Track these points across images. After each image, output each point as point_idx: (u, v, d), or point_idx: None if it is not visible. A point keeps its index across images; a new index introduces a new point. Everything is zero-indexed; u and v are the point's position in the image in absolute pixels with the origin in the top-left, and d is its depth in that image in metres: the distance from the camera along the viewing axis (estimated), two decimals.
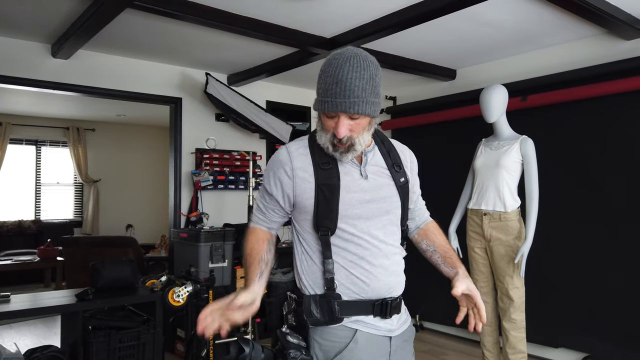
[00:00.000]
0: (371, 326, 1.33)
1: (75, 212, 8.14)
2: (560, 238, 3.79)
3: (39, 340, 4.35)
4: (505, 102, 3.02)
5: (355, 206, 1.33)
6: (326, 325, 1.30)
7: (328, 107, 1.26)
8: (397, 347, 1.38)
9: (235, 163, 4.80)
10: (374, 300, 1.32)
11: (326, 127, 1.31)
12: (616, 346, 3.48)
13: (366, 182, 1.36)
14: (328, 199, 1.31)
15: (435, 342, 4.40)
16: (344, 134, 1.27)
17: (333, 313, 1.29)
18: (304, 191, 1.34)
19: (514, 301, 2.89)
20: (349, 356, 1.28)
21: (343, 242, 1.33)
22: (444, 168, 4.43)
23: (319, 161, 1.34)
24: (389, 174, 1.41)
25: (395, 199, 1.40)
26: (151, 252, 6.18)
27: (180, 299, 2.66)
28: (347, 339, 1.30)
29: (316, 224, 1.33)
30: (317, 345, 1.31)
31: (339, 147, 1.30)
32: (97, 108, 6.90)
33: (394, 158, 1.45)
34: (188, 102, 4.66)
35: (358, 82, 1.25)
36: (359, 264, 1.32)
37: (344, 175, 1.35)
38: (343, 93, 1.24)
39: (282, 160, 1.38)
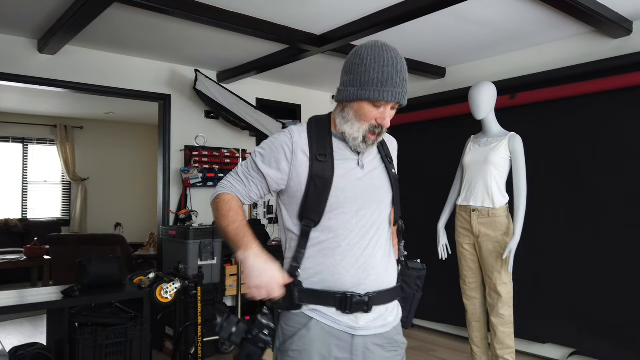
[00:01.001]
0: (329, 318, 1.31)
1: (63, 210, 8.06)
2: (547, 234, 3.83)
3: (24, 338, 4.30)
4: (493, 99, 3.03)
5: (349, 195, 1.33)
6: (287, 310, 1.32)
7: (388, 96, 1.27)
8: (363, 347, 1.33)
9: (225, 160, 4.77)
10: (334, 293, 1.30)
11: (367, 117, 1.31)
12: (603, 342, 3.52)
13: (362, 172, 1.37)
14: (319, 192, 1.31)
15: (424, 339, 4.42)
16: (388, 124, 1.32)
17: (292, 299, 1.30)
18: (297, 177, 1.34)
19: (502, 297, 2.91)
20: (298, 342, 1.30)
21: (322, 233, 1.32)
22: (433, 165, 4.45)
23: (317, 152, 1.33)
24: (383, 165, 1.42)
25: (387, 190, 1.40)
26: (140, 250, 6.13)
27: (168, 296, 2.65)
28: (301, 325, 1.31)
29: (301, 215, 1.33)
30: (280, 328, 1.34)
31: (370, 139, 1.33)
32: (85, 105, 6.83)
33: (386, 149, 1.46)
34: (177, 99, 4.63)
35: (406, 72, 1.31)
36: (330, 255, 1.31)
37: (341, 163, 1.35)
38: (402, 83, 1.28)
39: (284, 140, 1.36)
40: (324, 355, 1.30)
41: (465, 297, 3.11)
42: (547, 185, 3.82)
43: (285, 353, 1.32)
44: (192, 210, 4.44)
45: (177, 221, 4.42)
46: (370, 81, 1.27)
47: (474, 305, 3.08)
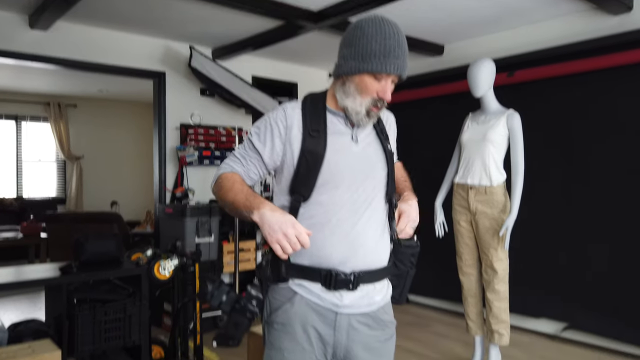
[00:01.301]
0: (314, 294, 1.31)
1: (59, 189, 8.02)
2: (543, 211, 3.85)
3: (23, 315, 4.33)
4: (492, 77, 3.01)
5: (340, 169, 1.32)
6: (275, 283, 1.34)
7: (390, 68, 1.26)
8: (347, 325, 1.33)
9: (221, 139, 4.74)
10: (320, 269, 1.30)
11: (369, 90, 1.30)
12: (595, 316, 3.58)
13: (356, 147, 1.36)
14: (310, 167, 1.30)
15: (420, 314, 4.48)
16: (390, 97, 1.31)
17: (280, 273, 1.31)
18: (291, 152, 1.33)
19: (498, 273, 2.94)
20: (282, 315, 1.33)
21: (311, 208, 1.32)
22: (431, 143, 4.44)
23: (310, 127, 1.33)
24: (378, 141, 1.41)
25: (381, 166, 1.38)
26: (137, 228, 6.14)
27: (166, 273, 2.66)
28: (286, 299, 1.33)
29: (291, 189, 1.33)
30: (268, 301, 1.37)
31: (373, 112, 1.32)
32: (78, 83, 6.74)
33: (381, 125, 1.44)
34: (172, 76, 4.57)
35: (406, 45, 1.30)
36: (319, 230, 1.30)
37: (334, 138, 1.34)
38: (403, 55, 1.28)
39: (278, 116, 1.35)
40: (307, 329, 1.31)
41: (461, 273, 3.14)
42: (545, 162, 3.82)
43: (271, 325, 1.35)
44: (189, 188, 4.43)
45: (174, 199, 4.41)
46: (373, 53, 1.26)
47: (469, 281, 3.12)
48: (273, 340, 1.34)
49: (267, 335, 1.37)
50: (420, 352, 3.56)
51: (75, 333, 2.33)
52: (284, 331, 1.32)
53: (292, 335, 1.31)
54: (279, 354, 1.32)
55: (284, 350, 1.31)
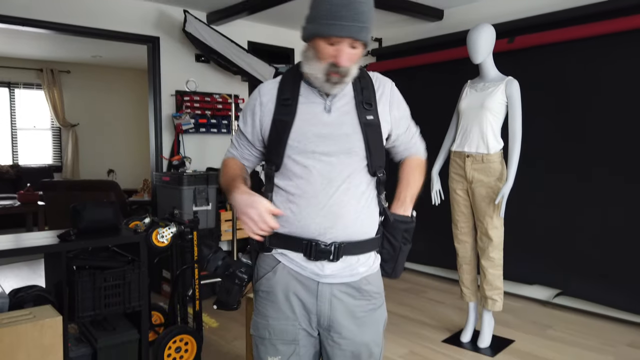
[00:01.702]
0: (295, 263, 1.32)
1: (54, 157, 7.99)
2: (538, 179, 3.87)
3: (23, 281, 4.37)
4: (492, 42, 2.96)
5: (311, 140, 1.30)
6: (259, 252, 1.38)
7: (335, 30, 1.20)
8: (329, 294, 1.32)
9: (217, 106, 4.70)
10: (301, 239, 1.30)
11: (323, 55, 1.24)
12: (587, 282, 3.65)
13: (328, 117, 1.31)
14: (279, 135, 1.32)
15: (415, 281, 4.56)
16: (346, 63, 1.24)
17: (264, 242, 1.34)
18: (265, 123, 1.37)
19: (493, 240, 2.97)
20: (266, 284, 1.36)
21: (287, 178, 1.33)
22: (429, 111, 4.40)
23: (282, 97, 1.34)
24: (355, 111, 1.33)
25: (358, 138, 1.31)
26: (134, 196, 6.15)
27: (164, 240, 2.67)
28: (270, 267, 1.36)
29: (266, 158, 1.38)
30: (256, 268, 1.40)
31: (333, 77, 1.25)
32: (71, 48, 6.61)
33: (366, 96, 1.35)
34: (166, 41, 4.49)
35: (365, 7, 1.21)
36: (295, 201, 1.30)
37: (306, 107, 1.32)
38: (352, 17, 1.19)
39: (254, 96, 1.41)
40: (289, 298, 1.33)
41: (457, 241, 3.17)
42: (542, 130, 3.81)
43: (257, 293, 1.39)
44: (185, 156, 4.41)
45: (171, 167, 4.40)
46: (321, 16, 1.21)
47: (464, 249, 3.15)
48: (259, 307, 1.38)
49: (254, 302, 1.41)
50: (415, 318, 3.63)
51: (76, 299, 2.36)
52: (268, 299, 1.35)
53: (275, 303, 1.34)
54: (264, 320, 1.36)
55: (269, 317, 1.35)
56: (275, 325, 1.34)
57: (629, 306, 3.43)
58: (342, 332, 1.33)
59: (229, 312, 3.72)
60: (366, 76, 1.39)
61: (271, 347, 1.35)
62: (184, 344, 2.75)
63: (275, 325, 1.34)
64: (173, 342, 2.71)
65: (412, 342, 3.18)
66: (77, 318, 2.39)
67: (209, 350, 3.00)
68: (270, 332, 1.35)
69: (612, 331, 3.35)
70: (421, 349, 3.09)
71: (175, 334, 2.72)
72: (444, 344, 3.15)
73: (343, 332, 1.33)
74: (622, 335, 3.28)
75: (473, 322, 3.20)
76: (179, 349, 2.73)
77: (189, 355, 2.77)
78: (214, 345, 3.10)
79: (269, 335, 1.35)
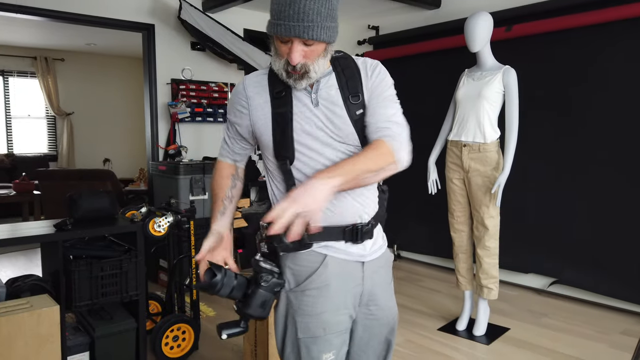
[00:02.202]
0: (342, 252, 1.33)
1: (50, 146, 7.94)
2: (534, 168, 3.88)
3: (20, 271, 4.38)
4: (489, 31, 2.94)
5: (308, 132, 1.30)
6: (295, 251, 1.31)
7: (280, 30, 1.19)
8: (371, 272, 1.38)
9: (213, 95, 4.67)
10: (343, 226, 1.32)
11: (280, 53, 1.25)
12: (581, 271, 3.67)
13: (317, 110, 1.31)
14: (283, 128, 1.30)
15: (412, 270, 4.58)
16: (297, 61, 1.22)
17: (302, 239, 1.24)
18: (259, 119, 1.33)
19: (489, 230, 2.98)
20: (317, 280, 1.31)
21: (302, 170, 1.31)
22: (426, 100, 4.40)
23: (274, 90, 1.32)
24: (343, 106, 1.32)
25: (350, 131, 1.32)
26: (130, 186, 6.13)
27: (161, 229, 2.67)
28: (317, 263, 1.31)
29: (276, 154, 1.33)
30: (289, 270, 1.33)
31: (293, 74, 1.26)
32: (65, 36, 6.54)
33: (352, 88, 1.33)
34: (161, 29, 4.44)
35: (313, 4, 1.17)
36: None
37: (297, 101, 1.31)
38: (297, 16, 1.17)
39: (239, 90, 1.38)
40: (342, 288, 1.33)
41: (453, 230, 3.19)
42: (539, 119, 3.81)
43: (303, 293, 1.31)
44: (182, 145, 4.39)
45: (167, 156, 4.39)
46: (271, 14, 1.22)
47: (461, 238, 3.17)
48: (306, 306, 1.31)
49: (296, 304, 1.32)
50: (412, 307, 3.66)
51: (73, 288, 2.36)
52: (321, 295, 1.31)
53: (330, 298, 1.31)
54: (316, 318, 1.30)
55: (322, 313, 1.30)
56: (330, 319, 1.31)
57: (622, 294, 3.46)
58: (380, 304, 1.41)
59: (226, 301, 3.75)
60: (351, 65, 1.36)
61: (326, 343, 1.31)
62: (182, 332, 2.77)
63: (330, 319, 1.31)
64: (170, 330, 2.72)
65: (408, 330, 3.21)
66: (75, 307, 2.39)
67: (206, 339, 3.02)
68: (324, 328, 1.31)
69: (606, 319, 3.38)
70: (417, 337, 3.11)
71: (172, 322, 2.73)
72: (440, 332, 3.18)
73: (380, 303, 1.41)
74: (616, 323, 3.32)
75: (469, 310, 3.23)
76: (176, 337, 2.75)
77: (186, 343, 2.78)
78: (211, 334, 3.11)
79: (323, 332, 1.31)
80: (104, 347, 2.51)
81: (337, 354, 1.34)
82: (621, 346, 2.96)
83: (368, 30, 5.22)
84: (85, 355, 2.50)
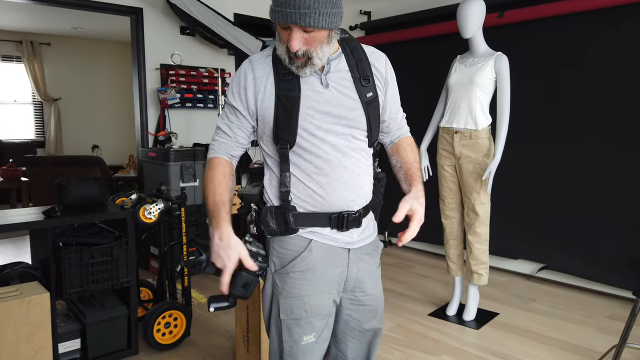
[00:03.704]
0: (327, 237, 1.34)
1: (37, 132, 7.83)
2: (524, 155, 3.90)
3: (8, 258, 4.34)
4: (482, 17, 2.93)
5: (315, 117, 1.29)
6: (282, 235, 1.33)
7: (278, 17, 1.20)
8: (357, 258, 1.39)
9: (203, 80, 4.62)
10: (330, 213, 1.33)
11: (282, 39, 1.25)
12: (569, 256, 3.72)
13: (327, 92, 1.31)
14: (288, 112, 1.28)
15: (402, 257, 4.61)
16: (296, 47, 1.22)
17: (288, 224, 1.31)
18: (264, 101, 1.31)
19: (479, 216, 3.00)
20: (301, 263, 1.33)
21: (301, 155, 1.31)
22: (418, 87, 4.38)
23: (280, 71, 1.30)
24: (353, 87, 1.33)
25: (359, 113, 1.33)
26: (120, 172, 6.08)
27: (152, 216, 2.65)
28: (301, 247, 1.33)
29: (275, 137, 1.31)
30: (275, 252, 1.35)
31: (295, 61, 1.26)
32: (51, 19, 6.41)
33: (362, 70, 1.36)
34: (150, 12, 4.37)
35: None
36: (315, 178, 1.31)
37: (305, 84, 1.30)
38: (293, 3, 1.16)
39: (245, 70, 1.35)
40: (325, 273, 1.34)
41: (444, 216, 3.20)
42: (530, 106, 3.82)
43: (287, 275, 1.33)
44: (172, 131, 4.35)
45: (157, 143, 4.34)
46: (272, 1, 1.23)
47: (451, 224, 3.18)
48: (290, 288, 1.33)
49: (280, 286, 1.34)
50: (403, 293, 3.69)
51: (63, 276, 2.34)
52: (304, 278, 1.32)
53: (312, 281, 1.33)
54: (299, 300, 1.33)
55: (304, 296, 1.33)
56: (312, 302, 1.33)
57: (609, 279, 3.52)
58: (366, 290, 1.42)
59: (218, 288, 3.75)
60: (359, 48, 1.38)
61: (307, 325, 1.34)
62: (173, 319, 2.77)
63: (312, 302, 1.33)
64: (162, 317, 2.72)
65: (399, 315, 3.24)
66: (65, 294, 2.38)
67: (198, 325, 3.02)
68: (306, 310, 1.33)
69: (593, 303, 3.44)
70: (408, 322, 3.14)
71: (164, 309, 2.73)
72: (430, 318, 3.21)
73: (367, 290, 1.43)
74: (603, 307, 3.38)
75: (459, 296, 3.26)
76: (168, 324, 2.75)
77: (178, 330, 2.79)
78: (203, 321, 3.12)
79: (305, 314, 1.33)
80: (95, 334, 2.50)
81: (318, 336, 1.36)
82: (608, 330, 3.01)
83: (360, 15, 5.18)
84: (76, 342, 2.49)
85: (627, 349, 2.47)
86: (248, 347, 2.42)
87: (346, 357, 1.47)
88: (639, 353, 2.67)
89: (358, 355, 1.47)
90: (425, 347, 2.80)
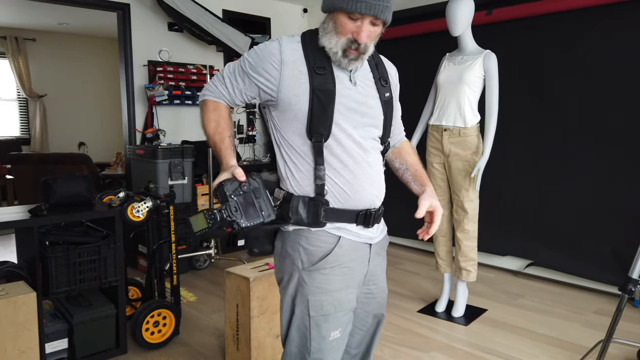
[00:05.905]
0: (354, 234, 1.37)
1: (22, 129, 7.71)
2: (512, 152, 3.93)
3: None
4: (471, 15, 2.94)
5: (343, 112, 1.32)
6: (308, 226, 1.32)
7: (360, 7, 1.20)
8: (375, 253, 1.44)
9: (192, 77, 4.58)
10: (358, 210, 1.35)
11: (343, 30, 1.26)
12: (557, 253, 3.76)
13: (355, 89, 1.35)
14: (324, 105, 1.29)
15: (392, 253, 4.63)
16: (366, 40, 1.25)
17: (318, 217, 1.31)
18: (292, 89, 1.29)
19: (468, 213, 3.02)
20: (333, 260, 1.34)
21: (333, 149, 1.32)
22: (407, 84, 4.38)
23: (314, 65, 1.29)
24: (374, 87, 1.40)
25: (379, 112, 1.39)
26: (107, 170, 6.01)
27: (140, 214, 2.63)
28: (331, 244, 1.34)
29: (310, 130, 1.30)
30: (303, 250, 1.34)
31: (351, 54, 1.27)
32: (36, 14, 6.31)
33: (381, 72, 1.43)
34: (137, 8, 4.32)
35: None
36: (343, 174, 1.33)
37: (337, 79, 1.32)
38: None
39: (272, 50, 1.31)
40: (351, 266, 1.37)
41: None
42: (518, 104, 3.85)
43: (317, 272, 1.33)
44: (160, 129, 4.32)
45: (145, 140, 4.30)
46: None
47: (440, 222, 3.20)
48: (321, 284, 1.33)
49: (309, 282, 1.33)
50: (392, 289, 3.69)
51: (49, 275, 2.31)
52: (333, 273, 1.34)
53: (342, 277, 1.35)
54: (328, 296, 1.34)
55: (334, 291, 1.34)
56: (340, 297, 1.35)
57: (596, 275, 3.56)
58: (378, 282, 1.48)
59: (207, 286, 3.72)
60: (375, 53, 1.44)
61: (335, 320, 1.35)
62: (162, 318, 2.75)
63: (340, 297, 1.35)
64: (151, 316, 2.70)
65: (388, 312, 3.24)
66: (52, 294, 2.35)
67: (188, 324, 3.01)
68: (335, 305, 1.35)
69: (580, 299, 3.48)
70: (397, 319, 3.15)
71: (153, 308, 2.71)
72: (419, 314, 3.23)
73: (379, 282, 1.48)
74: (590, 303, 3.42)
75: (447, 292, 3.28)
76: (157, 323, 2.73)
77: (167, 329, 2.77)
78: (193, 319, 3.10)
79: (334, 309, 1.35)
80: (82, 334, 2.48)
81: (343, 332, 1.39)
82: (594, 325, 3.05)
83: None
84: (64, 342, 2.46)
85: (613, 343, 2.50)
86: (238, 345, 2.41)
87: (350, 349, 1.50)
88: (625, 348, 2.71)
89: (360, 344, 1.52)
90: (415, 344, 2.81)
